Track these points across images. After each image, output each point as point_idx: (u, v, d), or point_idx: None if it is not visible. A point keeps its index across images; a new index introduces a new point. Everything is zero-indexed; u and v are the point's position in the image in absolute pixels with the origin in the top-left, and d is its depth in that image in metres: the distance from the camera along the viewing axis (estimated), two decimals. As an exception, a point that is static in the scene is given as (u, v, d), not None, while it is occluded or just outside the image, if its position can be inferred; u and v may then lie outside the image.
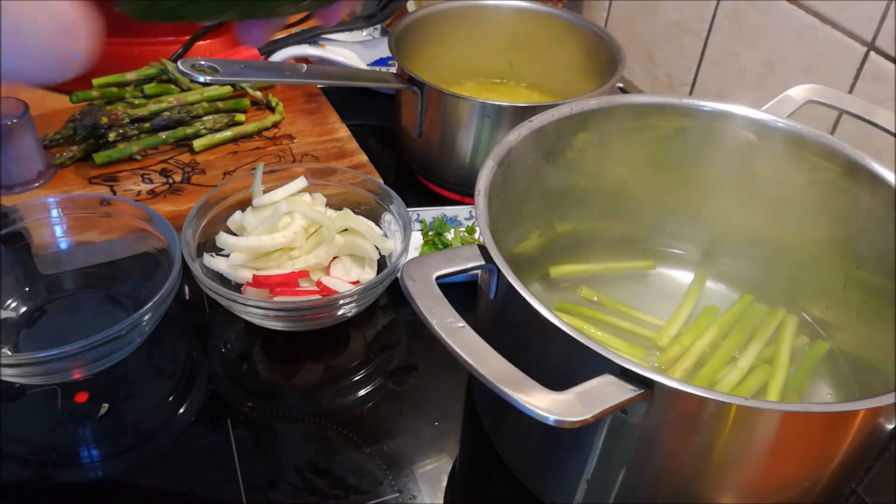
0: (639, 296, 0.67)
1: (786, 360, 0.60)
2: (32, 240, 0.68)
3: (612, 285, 0.67)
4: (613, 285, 0.68)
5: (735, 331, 0.63)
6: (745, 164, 0.64)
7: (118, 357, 0.61)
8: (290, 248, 0.67)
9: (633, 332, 0.63)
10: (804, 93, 0.64)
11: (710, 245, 0.70)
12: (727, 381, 0.59)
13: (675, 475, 0.46)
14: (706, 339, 0.62)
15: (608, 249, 0.70)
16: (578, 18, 0.90)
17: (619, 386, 0.40)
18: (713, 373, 0.59)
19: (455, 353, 0.40)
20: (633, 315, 0.65)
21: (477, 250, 0.48)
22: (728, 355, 0.61)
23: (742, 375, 0.59)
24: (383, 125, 0.95)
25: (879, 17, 0.72)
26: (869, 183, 0.57)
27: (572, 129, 0.61)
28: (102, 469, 0.57)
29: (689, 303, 0.66)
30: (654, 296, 0.67)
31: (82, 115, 0.80)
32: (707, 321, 0.64)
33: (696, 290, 0.67)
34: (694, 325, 0.63)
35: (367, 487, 0.55)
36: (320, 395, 0.63)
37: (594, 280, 0.68)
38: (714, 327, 0.63)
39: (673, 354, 0.61)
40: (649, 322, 0.64)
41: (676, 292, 0.67)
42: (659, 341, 0.62)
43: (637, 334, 0.63)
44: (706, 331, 0.62)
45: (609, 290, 0.67)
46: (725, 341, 0.62)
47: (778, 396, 0.58)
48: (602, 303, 0.65)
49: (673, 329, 0.63)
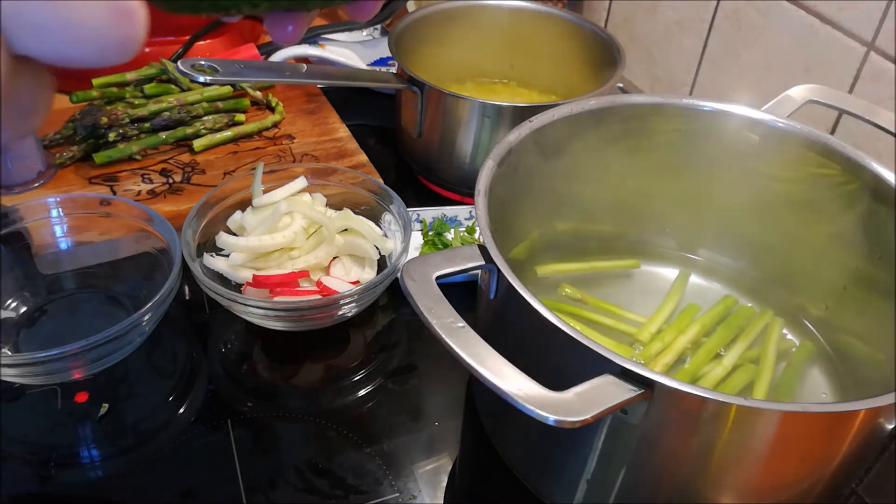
0: (626, 294, 0.67)
1: (772, 360, 0.61)
2: (32, 240, 0.68)
3: (599, 284, 0.68)
4: (601, 284, 0.68)
5: (720, 329, 0.63)
6: (745, 165, 0.64)
7: (118, 357, 0.61)
8: (290, 248, 0.67)
9: (616, 328, 0.63)
10: (804, 93, 0.64)
11: (708, 245, 0.70)
12: (711, 377, 0.59)
13: (675, 475, 0.46)
14: (688, 336, 0.62)
15: (600, 248, 0.70)
16: (578, 18, 0.90)
17: (619, 386, 0.40)
18: (697, 368, 0.60)
19: (455, 353, 0.40)
20: (616, 312, 0.65)
21: (477, 250, 0.48)
22: (712, 352, 0.61)
23: (726, 372, 0.60)
24: (383, 125, 0.95)
25: (879, 17, 0.72)
26: (869, 183, 0.57)
27: (572, 129, 0.61)
28: (102, 469, 0.57)
29: (671, 300, 0.66)
30: (642, 294, 0.67)
31: (82, 115, 0.80)
32: (689, 319, 0.64)
33: (679, 287, 0.67)
34: (675, 322, 0.64)
35: (367, 487, 0.55)
36: (320, 395, 0.63)
37: (581, 279, 0.68)
38: (696, 325, 0.63)
39: (653, 350, 0.61)
40: (631, 319, 0.64)
41: (665, 291, 0.67)
42: (640, 337, 0.62)
43: (619, 330, 0.63)
44: (688, 328, 0.63)
45: (595, 288, 0.67)
46: (710, 338, 0.62)
47: (765, 394, 0.58)
48: (585, 301, 0.65)
49: (654, 325, 0.63)
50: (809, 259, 0.63)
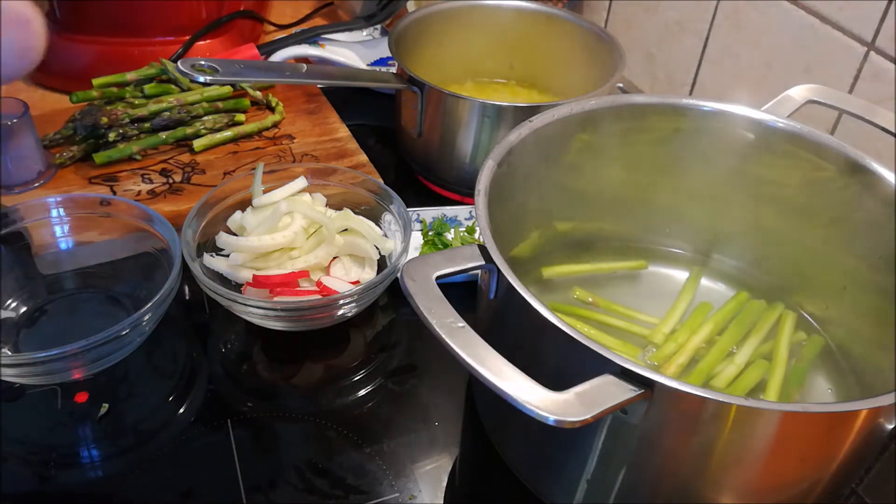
0: (634, 295, 0.67)
1: (785, 355, 0.60)
2: (32, 240, 0.68)
3: (606, 285, 0.67)
4: (608, 285, 0.68)
5: (732, 326, 0.63)
6: (745, 165, 0.64)
7: (118, 357, 0.61)
8: (290, 248, 0.67)
9: (628, 330, 0.63)
10: (804, 93, 0.64)
11: (709, 245, 0.70)
12: (724, 376, 0.59)
13: (675, 475, 0.46)
14: (701, 336, 0.62)
15: (604, 249, 0.70)
16: (578, 18, 0.90)
17: (619, 386, 0.40)
18: (710, 367, 0.60)
19: (455, 353, 0.40)
20: (628, 314, 0.65)
21: (477, 250, 0.48)
22: (725, 350, 0.61)
23: (739, 370, 0.59)
24: (383, 125, 0.95)
25: (879, 17, 0.72)
26: (869, 183, 0.57)
27: (572, 129, 0.61)
28: (102, 469, 0.57)
29: (683, 300, 0.66)
30: (650, 295, 0.67)
31: (82, 115, 0.80)
32: (701, 318, 0.64)
33: (690, 287, 0.67)
34: (688, 322, 0.64)
35: (367, 487, 0.55)
36: (320, 395, 0.63)
37: (587, 280, 0.67)
38: (709, 324, 0.63)
39: (668, 351, 0.61)
40: (644, 321, 0.64)
41: (672, 291, 0.67)
42: (653, 338, 0.62)
43: (631, 332, 0.63)
44: (701, 327, 0.62)
45: (603, 290, 0.67)
46: (723, 336, 0.62)
47: (777, 391, 0.58)
48: (596, 303, 0.65)
49: (667, 326, 0.63)
50: (809, 259, 0.63)
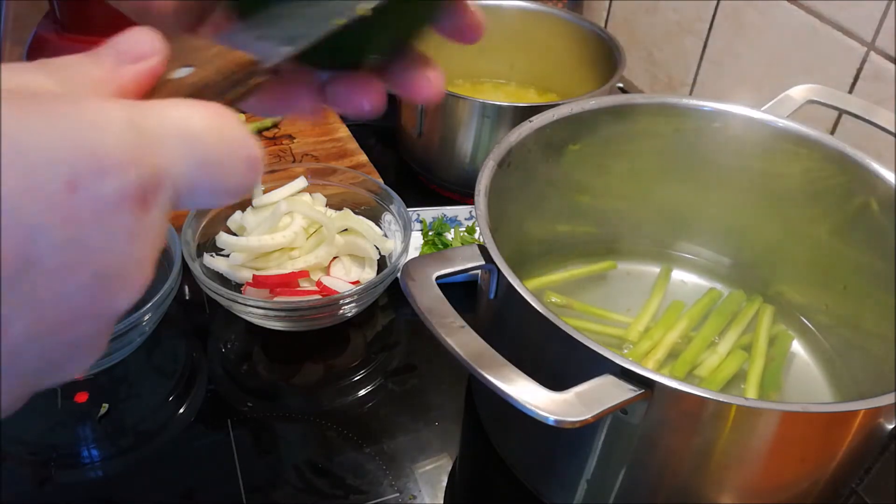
0: (608, 296, 0.67)
1: (763, 348, 0.61)
2: (32, 240, 0.68)
3: (581, 287, 0.68)
4: (582, 288, 0.68)
5: (713, 316, 0.64)
6: (745, 164, 0.64)
7: (118, 357, 0.61)
8: (290, 248, 0.67)
9: (603, 332, 0.63)
10: (804, 93, 0.64)
11: (710, 245, 0.70)
12: (707, 365, 0.59)
13: (675, 475, 0.46)
14: (676, 332, 0.62)
15: (611, 250, 0.70)
16: (578, 18, 0.90)
17: (619, 386, 0.40)
18: (694, 356, 0.60)
19: (455, 353, 0.40)
20: (603, 315, 0.65)
21: (477, 250, 0.48)
22: (708, 340, 0.62)
23: (721, 360, 0.60)
24: (383, 125, 0.95)
25: (879, 17, 0.72)
26: (869, 183, 0.57)
27: (572, 129, 0.61)
28: (102, 469, 0.57)
29: (655, 298, 0.66)
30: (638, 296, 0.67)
31: (82, 115, 0.80)
32: (675, 314, 0.64)
33: (661, 285, 0.68)
34: (662, 320, 0.64)
35: (367, 487, 0.55)
36: (320, 395, 0.63)
37: (565, 285, 0.68)
38: (683, 319, 0.63)
39: (643, 349, 0.61)
40: (618, 321, 0.64)
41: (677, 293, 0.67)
42: (628, 337, 0.62)
43: (607, 334, 0.63)
44: (676, 323, 0.63)
45: (579, 294, 0.67)
46: (705, 326, 0.63)
47: (757, 384, 0.59)
48: (571, 306, 0.65)
49: (641, 324, 0.63)
50: (809, 259, 0.63)
